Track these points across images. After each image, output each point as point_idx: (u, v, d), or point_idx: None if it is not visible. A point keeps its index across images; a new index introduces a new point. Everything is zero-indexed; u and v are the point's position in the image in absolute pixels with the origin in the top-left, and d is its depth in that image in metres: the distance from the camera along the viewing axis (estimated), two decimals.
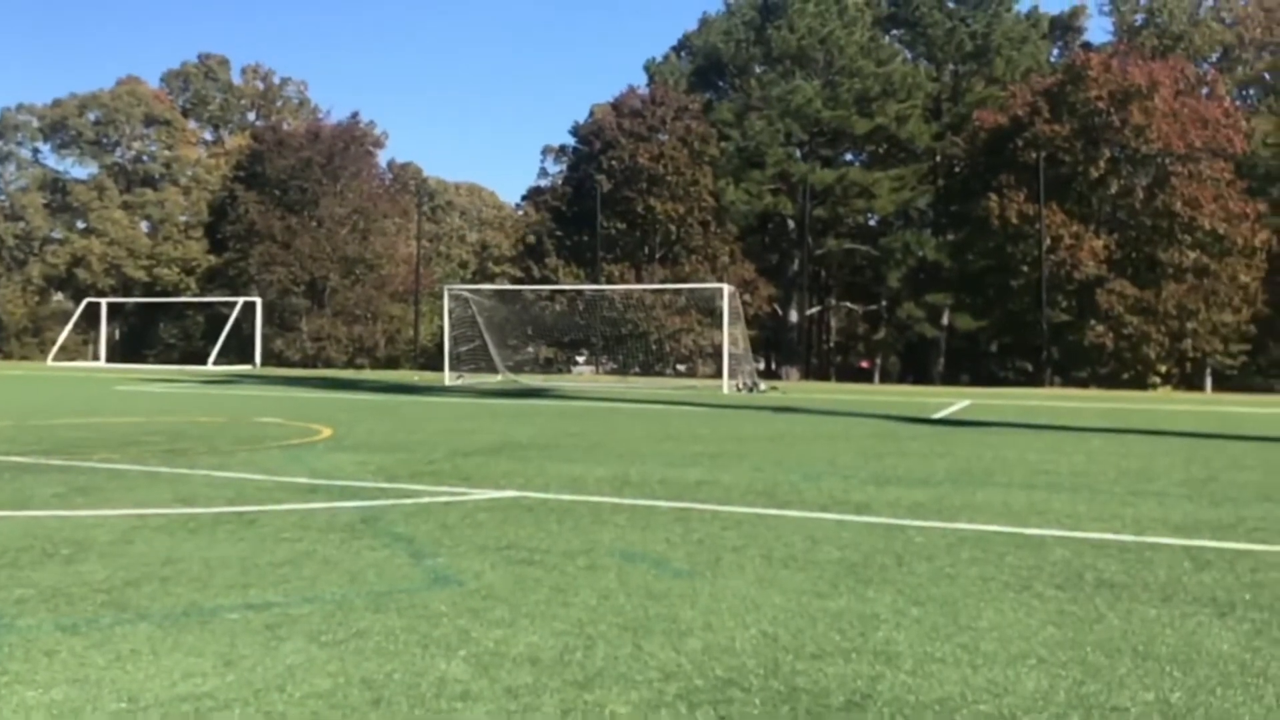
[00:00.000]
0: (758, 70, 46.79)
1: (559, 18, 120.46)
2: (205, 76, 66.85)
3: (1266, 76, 48.59)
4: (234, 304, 45.75)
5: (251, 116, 68.06)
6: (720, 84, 49.23)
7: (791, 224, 46.20)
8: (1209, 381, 38.89)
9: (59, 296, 61.70)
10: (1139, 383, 35.63)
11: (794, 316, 45.74)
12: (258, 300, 45.55)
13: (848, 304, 50.86)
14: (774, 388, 27.95)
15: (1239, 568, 5.07)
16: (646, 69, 51.12)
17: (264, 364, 43.91)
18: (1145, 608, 4.26)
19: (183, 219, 60.23)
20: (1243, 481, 8.43)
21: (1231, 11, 50.02)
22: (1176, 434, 13.69)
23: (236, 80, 68.07)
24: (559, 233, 46.18)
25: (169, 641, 3.65)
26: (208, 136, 68.21)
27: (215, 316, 49.66)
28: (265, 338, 45.97)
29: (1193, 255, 36.38)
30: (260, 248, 50.12)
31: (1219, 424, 15.88)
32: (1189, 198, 36.23)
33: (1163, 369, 36.61)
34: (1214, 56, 48.56)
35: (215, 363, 43.39)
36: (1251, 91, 48.87)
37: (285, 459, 9.34)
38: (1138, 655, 3.61)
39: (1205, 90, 40.23)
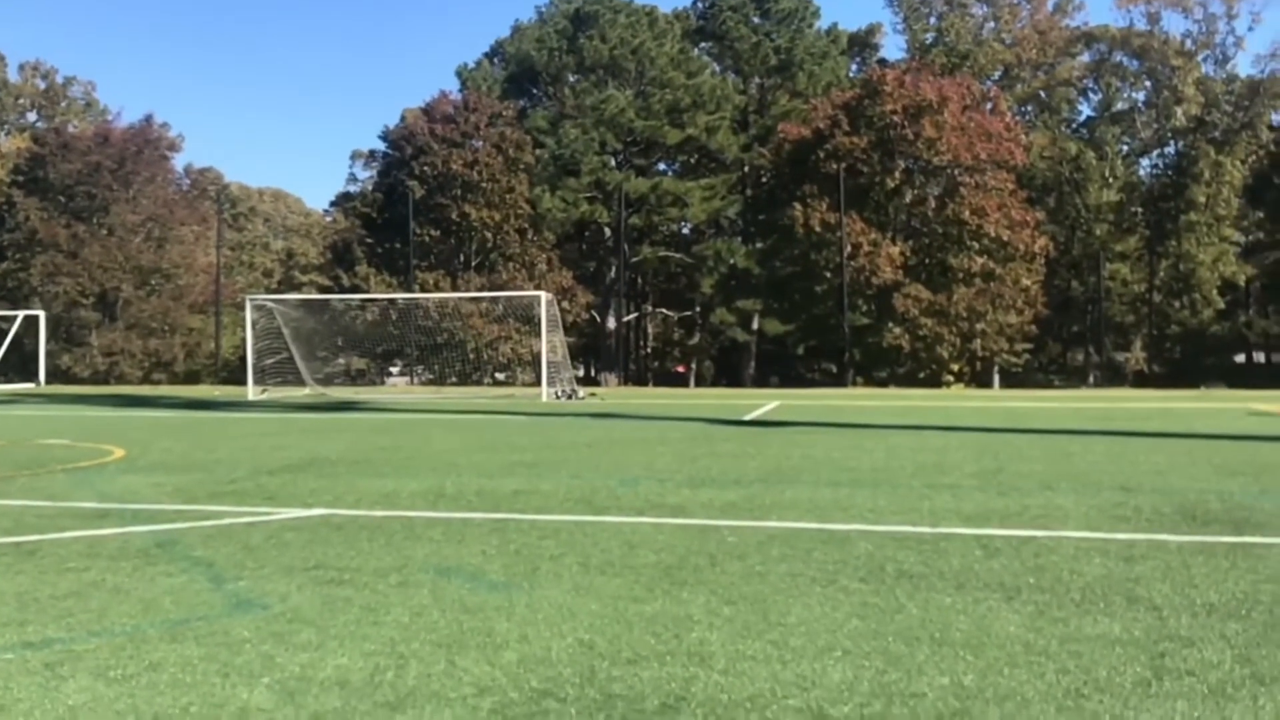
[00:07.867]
0: (571, 79, 47.01)
1: (366, 19, 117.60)
2: None
3: (1042, 94, 52.43)
4: (13, 318, 42.47)
5: (32, 117, 63.40)
6: (534, 91, 49.17)
7: (608, 232, 46.62)
8: (997, 379, 41.50)
9: None
10: (934, 381, 37.64)
11: (611, 323, 46.14)
12: (41, 314, 42.41)
13: (663, 310, 51.72)
14: (592, 394, 28.07)
15: (1024, 553, 5.41)
16: (459, 74, 50.56)
17: (49, 382, 40.94)
18: (941, 596, 4.48)
19: None
20: (1026, 472, 9.03)
21: (1011, 34, 53.72)
22: (968, 429, 14.54)
23: (14, 78, 63.22)
24: (369, 240, 45.03)
25: None
26: None
27: None
28: (50, 354, 42.84)
29: (980, 261, 38.73)
30: (43, 257, 46.70)
31: (1006, 419, 16.96)
32: (976, 207, 38.56)
33: (955, 368, 38.84)
34: (996, 75, 51.97)
35: None
36: (1029, 108, 52.60)
37: (72, 483, 8.72)
38: (934, 642, 3.79)
39: (989, 106, 42.97)
